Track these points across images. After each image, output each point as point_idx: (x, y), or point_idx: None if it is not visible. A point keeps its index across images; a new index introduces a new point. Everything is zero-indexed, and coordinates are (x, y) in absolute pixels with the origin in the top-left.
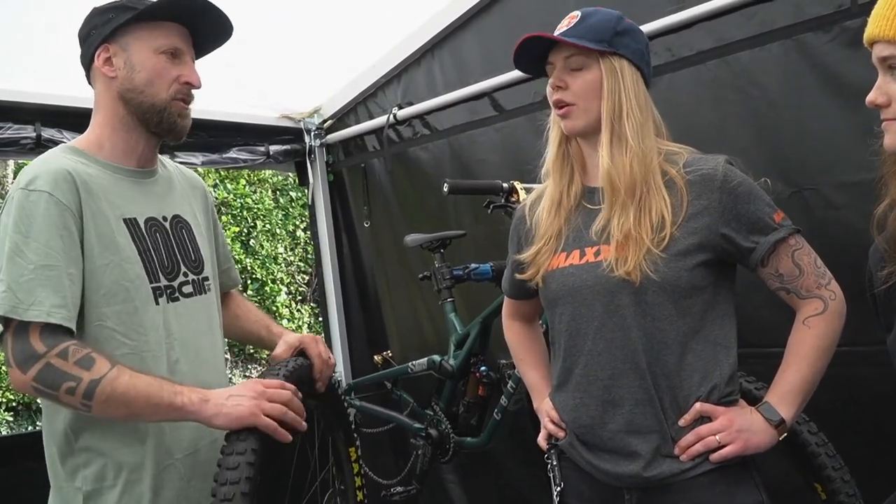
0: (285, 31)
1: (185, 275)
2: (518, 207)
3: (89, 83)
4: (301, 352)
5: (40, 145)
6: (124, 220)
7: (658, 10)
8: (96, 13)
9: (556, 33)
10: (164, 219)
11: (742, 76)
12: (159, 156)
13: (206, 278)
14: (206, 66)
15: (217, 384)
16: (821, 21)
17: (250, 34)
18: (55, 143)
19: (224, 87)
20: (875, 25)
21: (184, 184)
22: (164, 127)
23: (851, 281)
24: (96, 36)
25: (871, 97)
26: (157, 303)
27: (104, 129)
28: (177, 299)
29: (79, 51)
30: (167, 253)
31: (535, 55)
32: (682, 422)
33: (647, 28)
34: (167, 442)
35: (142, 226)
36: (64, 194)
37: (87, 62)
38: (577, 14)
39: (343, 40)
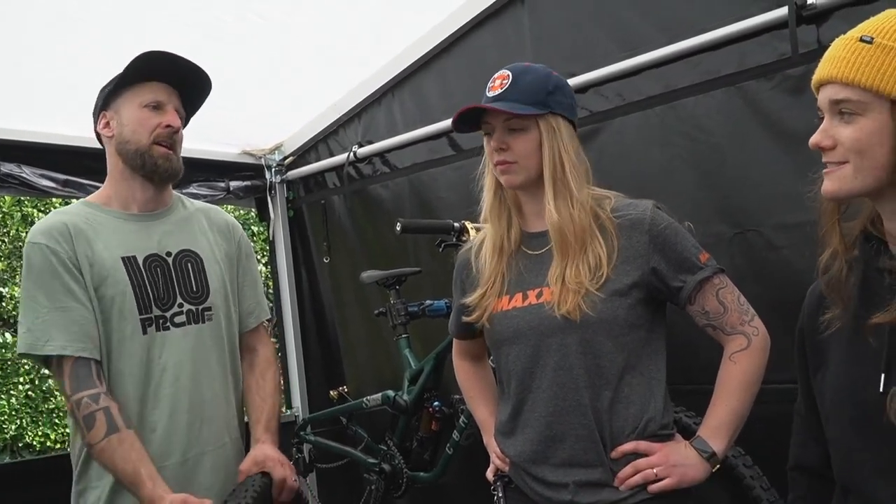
0: (247, 68)
1: (181, 305)
2: (461, 252)
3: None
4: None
5: None
6: (122, 258)
7: (610, 56)
8: (99, 94)
9: (491, 95)
10: (168, 254)
11: (688, 121)
12: (183, 198)
13: (209, 308)
14: None
15: (199, 408)
16: (763, 69)
17: (213, 71)
18: (13, 177)
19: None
20: (831, 66)
21: (204, 222)
22: (147, 169)
23: (792, 320)
24: (97, 109)
25: (815, 139)
26: (146, 332)
27: (111, 182)
28: (167, 328)
29: (44, 89)
30: (164, 285)
31: (471, 114)
32: (614, 454)
33: (598, 73)
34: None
35: (140, 262)
36: (58, 243)
37: (97, 132)
38: (507, 74)
39: (305, 78)
